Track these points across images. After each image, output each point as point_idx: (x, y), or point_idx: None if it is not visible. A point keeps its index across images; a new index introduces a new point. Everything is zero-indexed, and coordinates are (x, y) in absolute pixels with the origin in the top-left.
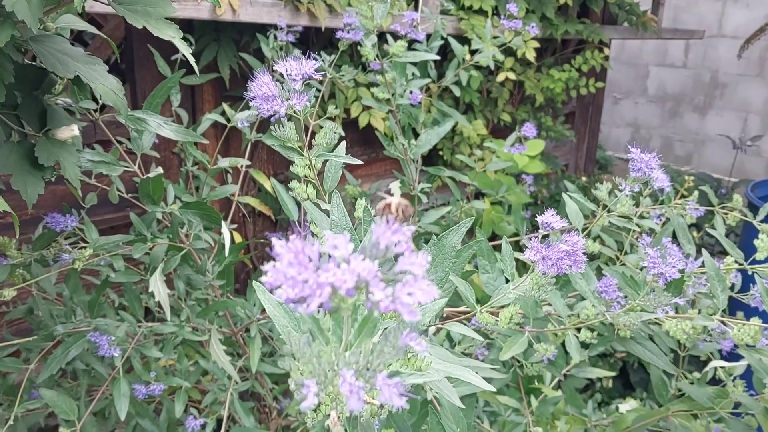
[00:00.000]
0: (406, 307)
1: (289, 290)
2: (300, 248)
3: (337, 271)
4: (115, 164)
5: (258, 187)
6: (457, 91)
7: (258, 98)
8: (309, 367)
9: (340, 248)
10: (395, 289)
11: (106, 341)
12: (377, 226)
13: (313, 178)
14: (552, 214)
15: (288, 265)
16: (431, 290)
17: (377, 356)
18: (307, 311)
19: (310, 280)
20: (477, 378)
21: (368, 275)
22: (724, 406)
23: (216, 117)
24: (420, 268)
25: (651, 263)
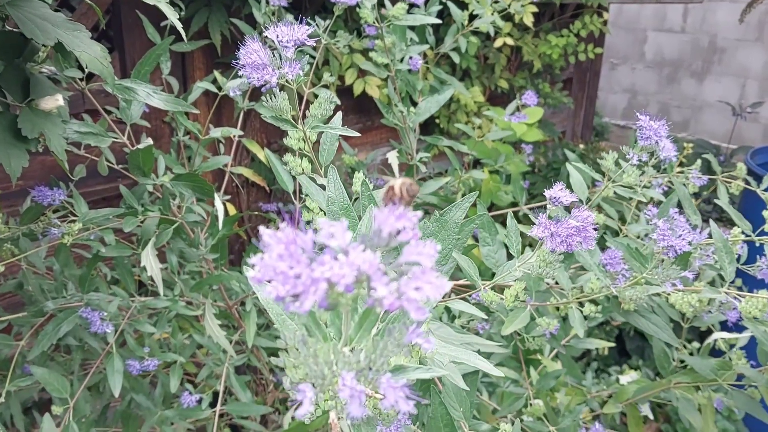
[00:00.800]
0: (414, 304)
1: (280, 287)
2: (291, 238)
3: (334, 264)
4: (104, 135)
5: (251, 157)
6: (456, 58)
7: (248, 67)
8: (305, 369)
9: (337, 237)
10: (401, 283)
11: (98, 317)
12: (379, 212)
13: (308, 150)
14: (561, 188)
15: (278, 258)
16: (441, 283)
17: (380, 354)
18: (301, 311)
19: (303, 276)
20: (485, 363)
21: (370, 268)
22: (726, 378)
23: (207, 85)
24: (428, 258)
25: (661, 236)
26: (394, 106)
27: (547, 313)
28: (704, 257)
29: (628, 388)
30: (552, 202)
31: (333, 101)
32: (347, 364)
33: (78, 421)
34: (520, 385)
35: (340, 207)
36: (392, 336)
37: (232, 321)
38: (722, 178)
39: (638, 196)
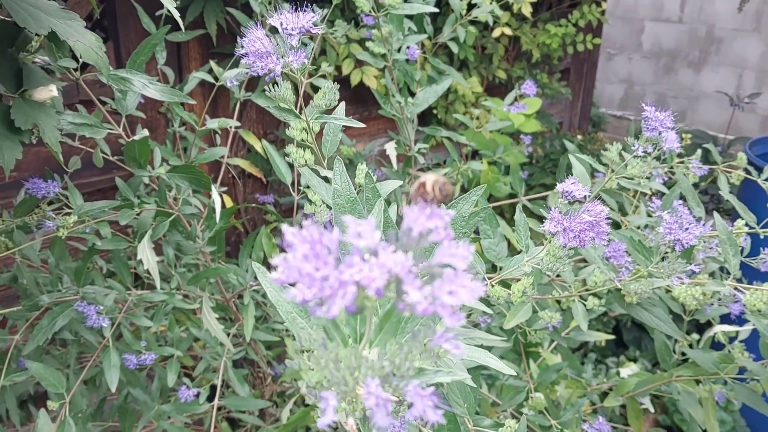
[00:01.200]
0: (448, 309)
1: (306, 290)
2: (317, 237)
3: (364, 266)
4: (99, 127)
5: (248, 148)
6: (455, 48)
7: (251, 55)
8: (325, 373)
9: (366, 236)
10: (434, 287)
11: (94, 311)
12: (410, 210)
13: (310, 142)
14: (573, 181)
15: (303, 259)
16: (475, 287)
17: (405, 359)
18: (328, 315)
19: (330, 278)
20: (498, 362)
21: (401, 271)
22: (728, 372)
23: (203, 75)
24: (462, 260)
25: (668, 229)
26: (391, 96)
27: (548, 306)
28: (708, 249)
29: (628, 381)
30: (564, 196)
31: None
32: (371, 370)
33: (74, 416)
34: (519, 377)
35: (346, 200)
36: (417, 339)
37: (229, 313)
38: (722, 168)
39: (642, 188)
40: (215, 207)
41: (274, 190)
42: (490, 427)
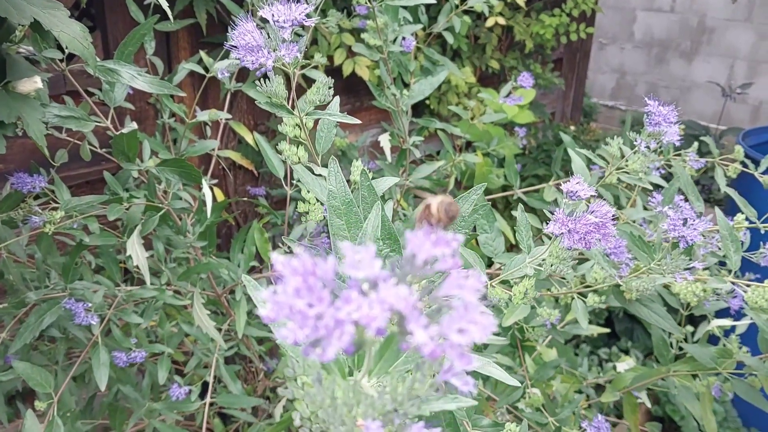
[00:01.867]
0: (457, 350)
1: (297, 330)
2: (310, 268)
3: (363, 302)
4: (86, 119)
5: (238, 139)
6: (450, 38)
7: (241, 49)
8: (321, 414)
9: (365, 266)
10: (442, 324)
11: (82, 308)
12: (413, 235)
13: (304, 138)
14: (578, 180)
15: (294, 294)
16: (488, 322)
17: (408, 395)
18: (323, 359)
19: (325, 316)
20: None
21: (405, 307)
22: (726, 367)
23: (193, 66)
24: (473, 292)
25: (671, 226)
26: (386, 88)
27: (546, 302)
28: (708, 245)
29: (625, 375)
30: (569, 197)
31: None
32: (372, 408)
33: (63, 415)
34: (515, 372)
35: (342, 202)
36: (422, 371)
37: (220, 308)
38: (719, 161)
39: (642, 183)
40: (206, 201)
41: (266, 181)
42: (489, 426)
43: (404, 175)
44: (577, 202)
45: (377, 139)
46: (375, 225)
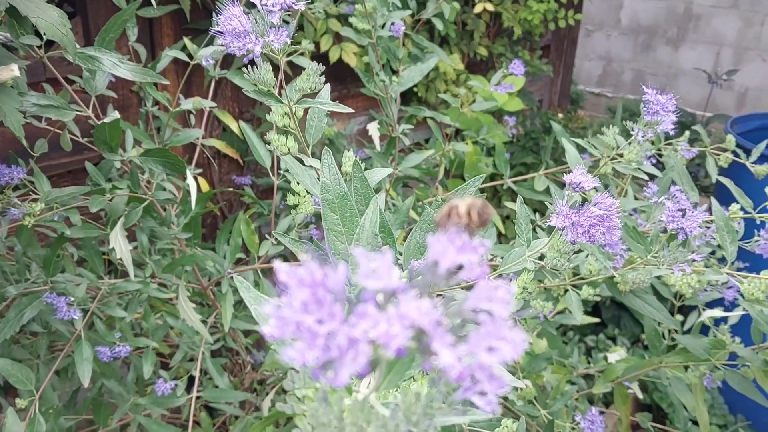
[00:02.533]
0: (487, 372)
1: (306, 350)
2: (319, 279)
3: (380, 318)
4: (66, 108)
5: (223, 128)
6: (440, 24)
7: (228, 34)
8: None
9: (382, 276)
10: (469, 342)
11: (64, 303)
12: (436, 240)
13: (293, 128)
14: (582, 171)
15: (302, 309)
16: (520, 338)
17: (424, 416)
18: (335, 383)
19: (338, 335)
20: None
21: (428, 323)
22: (719, 358)
23: (177, 53)
24: (503, 305)
25: (670, 217)
26: (375, 75)
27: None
28: (703, 236)
29: (616, 366)
30: (572, 188)
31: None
32: (383, 429)
33: (45, 412)
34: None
35: (336, 195)
36: (438, 387)
37: (206, 300)
38: (710, 150)
39: (639, 173)
40: (191, 192)
41: (251, 170)
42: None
43: (393, 164)
44: (577, 194)
45: (365, 127)
46: (373, 220)
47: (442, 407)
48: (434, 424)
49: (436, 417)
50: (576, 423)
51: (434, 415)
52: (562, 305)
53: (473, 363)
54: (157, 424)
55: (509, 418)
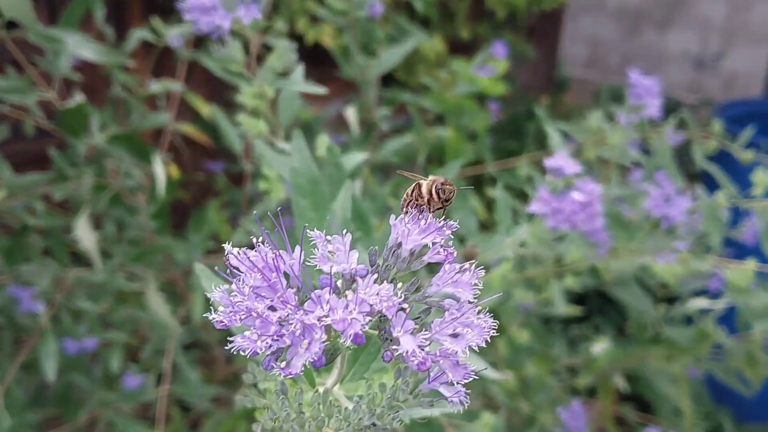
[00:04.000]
0: (451, 360)
1: (256, 338)
2: (272, 262)
3: (337, 303)
4: (28, 91)
5: (195, 112)
6: (419, 4)
7: (195, 10)
8: (286, 428)
9: (340, 259)
10: (432, 329)
11: (28, 294)
12: (399, 222)
13: (264, 109)
14: (563, 155)
15: (253, 294)
16: (486, 324)
17: (389, 409)
18: (288, 374)
19: (292, 322)
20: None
21: (388, 309)
22: (703, 348)
23: (145, 34)
24: (469, 288)
25: (654, 204)
26: (352, 57)
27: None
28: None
29: (600, 358)
30: (554, 173)
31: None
32: (345, 423)
33: (10, 408)
34: (486, 353)
35: (307, 180)
36: (404, 378)
37: (177, 291)
38: (697, 135)
39: (622, 159)
40: (158, 181)
41: (224, 156)
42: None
43: (372, 150)
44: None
45: (341, 111)
46: (345, 206)
47: (408, 399)
48: (399, 417)
49: (403, 410)
50: (557, 415)
51: (401, 407)
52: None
53: (437, 351)
54: (126, 420)
55: (491, 411)
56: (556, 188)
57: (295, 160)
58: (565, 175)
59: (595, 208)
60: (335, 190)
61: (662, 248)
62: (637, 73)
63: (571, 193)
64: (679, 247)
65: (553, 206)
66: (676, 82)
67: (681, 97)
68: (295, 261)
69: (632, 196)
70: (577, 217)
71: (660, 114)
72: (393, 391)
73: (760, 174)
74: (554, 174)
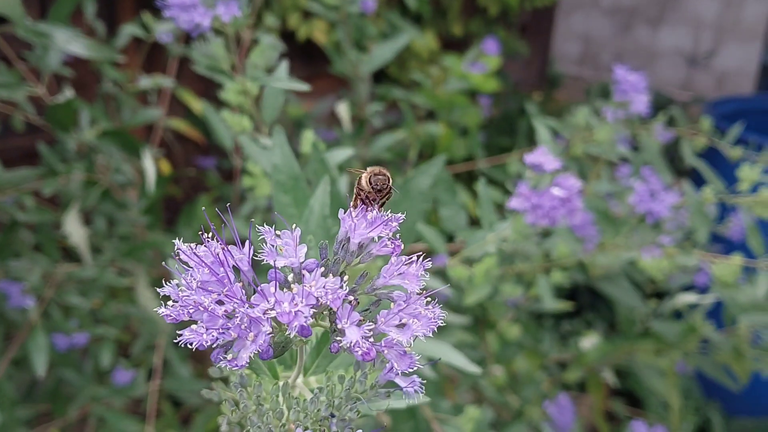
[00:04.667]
0: (397, 350)
1: (203, 332)
2: (221, 256)
3: (283, 296)
4: (17, 86)
5: (187, 108)
6: (413, 2)
7: (175, 7)
8: (248, 422)
9: (288, 253)
10: (378, 320)
11: (17, 290)
12: (346, 216)
13: (249, 106)
14: (543, 152)
15: (200, 288)
16: (433, 314)
17: (347, 399)
18: (235, 365)
19: (238, 315)
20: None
21: (334, 301)
22: (691, 343)
23: (135, 29)
24: (415, 280)
25: (639, 199)
26: (344, 53)
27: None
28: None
29: (589, 353)
30: (534, 169)
31: (277, 48)
32: (303, 415)
33: (1, 403)
34: (476, 347)
35: (288, 176)
36: (363, 371)
37: None
38: (686, 132)
39: (609, 155)
40: (148, 176)
41: (216, 152)
42: (449, 411)
43: (364, 146)
44: (542, 175)
45: (334, 107)
46: (323, 201)
47: (366, 391)
48: (357, 408)
49: (361, 401)
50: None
51: (359, 398)
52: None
53: (382, 341)
54: (117, 415)
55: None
56: (538, 184)
57: (276, 156)
58: (545, 171)
59: (575, 203)
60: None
61: (647, 243)
62: (623, 69)
63: (551, 188)
64: (664, 241)
65: (533, 202)
66: (668, 79)
67: (673, 95)
68: (245, 256)
69: (620, 192)
70: (557, 213)
71: (647, 110)
72: (351, 383)
73: (746, 170)
74: (534, 170)
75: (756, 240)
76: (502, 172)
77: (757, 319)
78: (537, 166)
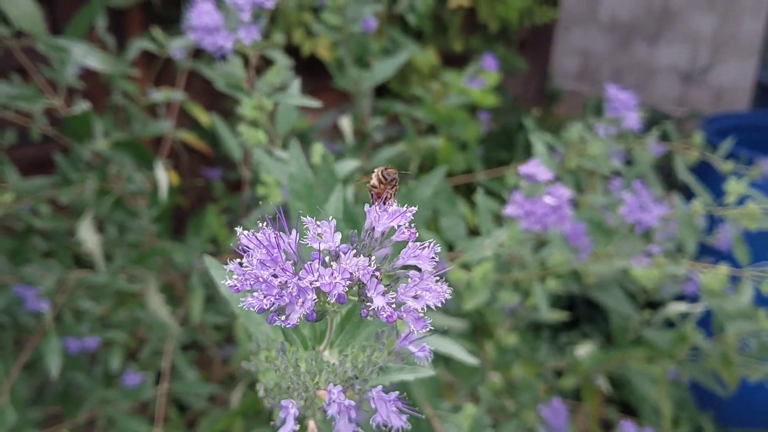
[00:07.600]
0: (413, 315)
1: (263, 298)
2: (274, 241)
3: (325, 271)
4: (35, 98)
5: (194, 120)
6: (412, 18)
7: (199, 30)
8: (285, 382)
9: (326, 239)
10: (398, 291)
11: (32, 294)
12: (371, 210)
13: (263, 120)
14: (536, 163)
15: (260, 265)
16: (441, 289)
17: (368, 362)
18: (288, 325)
19: (290, 285)
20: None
21: (364, 275)
22: (681, 350)
23: (146, 44)
24: (427, 261)
25: (628, 210)
26: (346, 69)
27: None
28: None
29: (584, 361)
30: (527, 179)
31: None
32: (333, 375)
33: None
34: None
35: (303, 185)
36: (381, 340)
37: (176, 293)
38: (679, 146)
39: (601, 168)
40: (160, 186)
41: (222, 163)
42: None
43: (366, 159)
44: (535, 185)
45: (336, 121)
46: (337, 208)
47: (384, 356)
48: (377, 371)
49: (381, 366)
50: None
51: (377, 363)
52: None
53: (402, 308)
54: (125, 417)
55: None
56: (531, 193)
57: (292, 167)
58: (538, 181)
59: (565, 211)
60: (329, 194)
61: (637, 251)
62: (614, 88)
63: (543, 197)
64: (654, 251)
65: (526, 209)
66: (665, 95)
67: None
68: (293, 240)
69: (613, 204)
70: (548, 219)
71: (639, 126)
72: (372, 351)
73: (732, 183)
74: (528, 180)
75: (741, 250)
76: (500, 184)
77: (743, 326)
78: (530, 177)
